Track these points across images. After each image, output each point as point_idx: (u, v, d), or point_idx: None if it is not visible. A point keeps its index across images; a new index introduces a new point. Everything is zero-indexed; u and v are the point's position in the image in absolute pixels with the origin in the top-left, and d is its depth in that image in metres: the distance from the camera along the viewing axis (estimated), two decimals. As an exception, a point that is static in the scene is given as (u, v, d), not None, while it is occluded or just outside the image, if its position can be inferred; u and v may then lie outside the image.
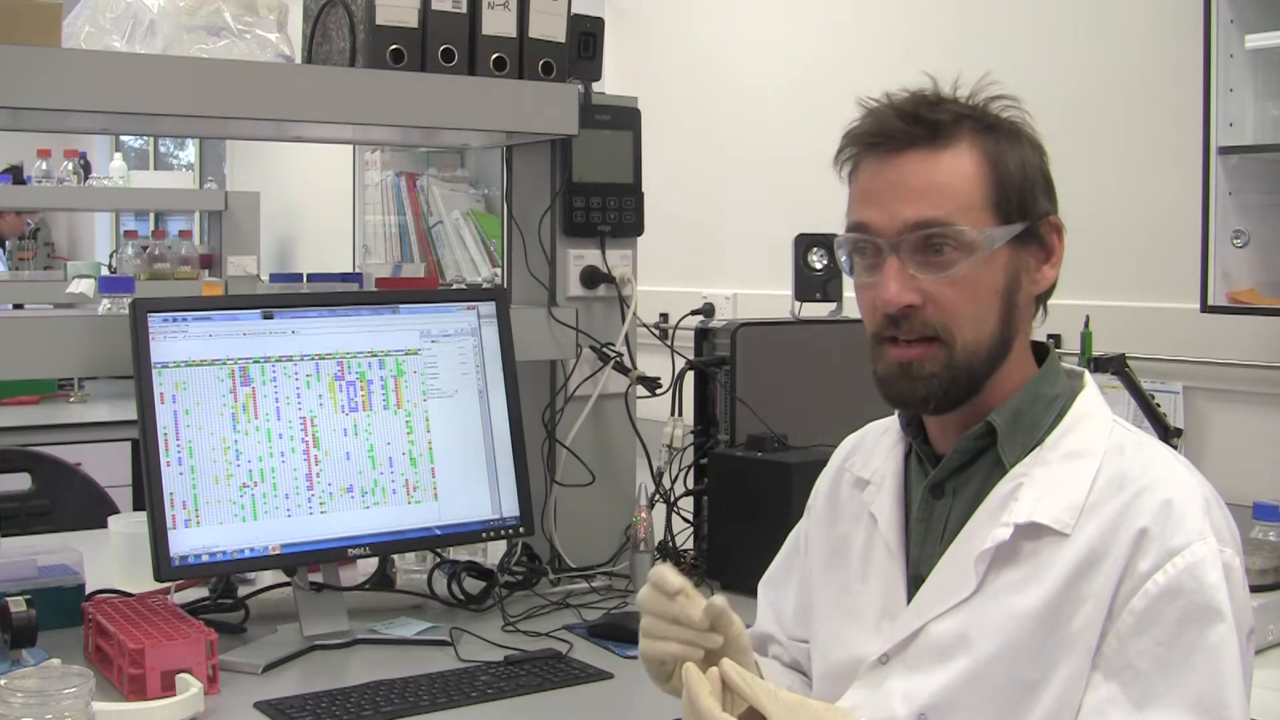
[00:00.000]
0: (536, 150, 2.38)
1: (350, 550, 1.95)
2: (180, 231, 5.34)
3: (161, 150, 8.34)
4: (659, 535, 2.28)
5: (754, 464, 2.19)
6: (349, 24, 2.12)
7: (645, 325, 2.50)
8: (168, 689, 1.64)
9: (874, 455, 1.43)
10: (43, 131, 4.36)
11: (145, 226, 7.08)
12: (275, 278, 2.53)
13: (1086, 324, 2.51)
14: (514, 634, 1.98)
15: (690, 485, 2.41)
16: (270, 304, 1.96)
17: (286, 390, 1.93)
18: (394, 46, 2.08)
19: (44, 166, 5.04)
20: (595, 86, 2.37)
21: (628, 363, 2.33)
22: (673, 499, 2.38)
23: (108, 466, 3.94)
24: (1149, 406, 2.39)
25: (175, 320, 1.87)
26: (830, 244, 2.48)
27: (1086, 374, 1.35)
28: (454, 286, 4.25)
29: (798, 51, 3.66)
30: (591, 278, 2.36)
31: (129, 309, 1.86)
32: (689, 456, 2.41)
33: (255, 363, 1.91)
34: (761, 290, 3.59)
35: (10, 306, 4.79)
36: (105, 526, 2.30)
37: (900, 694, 1.28)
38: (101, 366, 1.97)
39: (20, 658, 1.75)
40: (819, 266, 2.49)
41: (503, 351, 2.09)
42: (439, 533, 2.02)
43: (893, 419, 1.43)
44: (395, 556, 2.18)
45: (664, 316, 3.02)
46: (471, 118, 2.16)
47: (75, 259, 6.74)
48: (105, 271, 4.97)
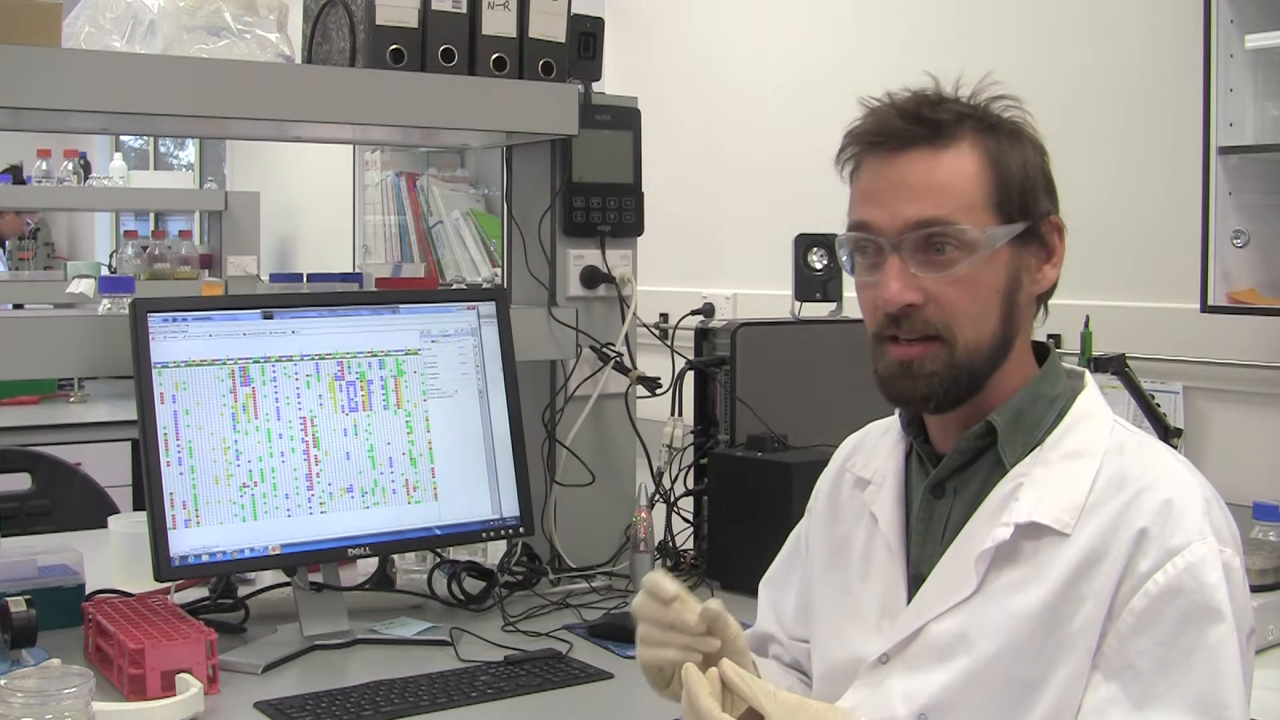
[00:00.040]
0: (536, 150, 2.38)
1: (350, 550, 1.95)
2: (180, 231, 5.34)
3: (161, 150, 8.34)
4: (659, 535, 2.28)
5: (754, 464, 2.19)
6: (349, 24, 2.12)
7: (645, 325, 2.50)
8: (168, 689, 1.64)
9: (875, 455, 1.43)
10: (43, 131, 4.37)
11: (145, 226, 7.07)
12: (275, 278, 2.53)
13: (1086, 324, 2.51)
14: (514, 634, 1.98)
15: (690, 485, 2.41)
16: (270, 304, 1.96)
17: (286, 390, 1.93)
18: (394, 46, 2.09)
19: (44, 166, 5.04)
20: (595, 86, 2.37)
21: (628, 363, 2.33)
22: (673, 499, 2.38)
23: (108, 466, 3.93)
24: (1149, 406, 2.39)
25: (175, 320, 1.87)
26: (830, 244, 2.48)
27: (1087, 374, 1.35)
28: (454, 286, 4.25)
29: (798, 51, 3.66)
30: (591, 278, 2.36)
31: (129, 309, 1.86)
32: (689, 456, 2.41)
33: (255, 363, 1.91)
34: (761, 290, 3.59)
35: (10, 306, 4.79)
36: (105, 526, 2.30)
37: (900, 694, 1.28)
38: (101, 366, 1.97)
39: (20, 658, 1.75)
40: (819, 266, 2.49)
41: (503, 351, 2.09)
42: (439, 533, 2.02)
43: (894, 419, 1.43)
44: (395, 556, 2.18)
45: (664, 316, 3.01)
46: (471, 118, 2.16)
47: (75, 259, 6.73)
48: (105, 271, 4.96)
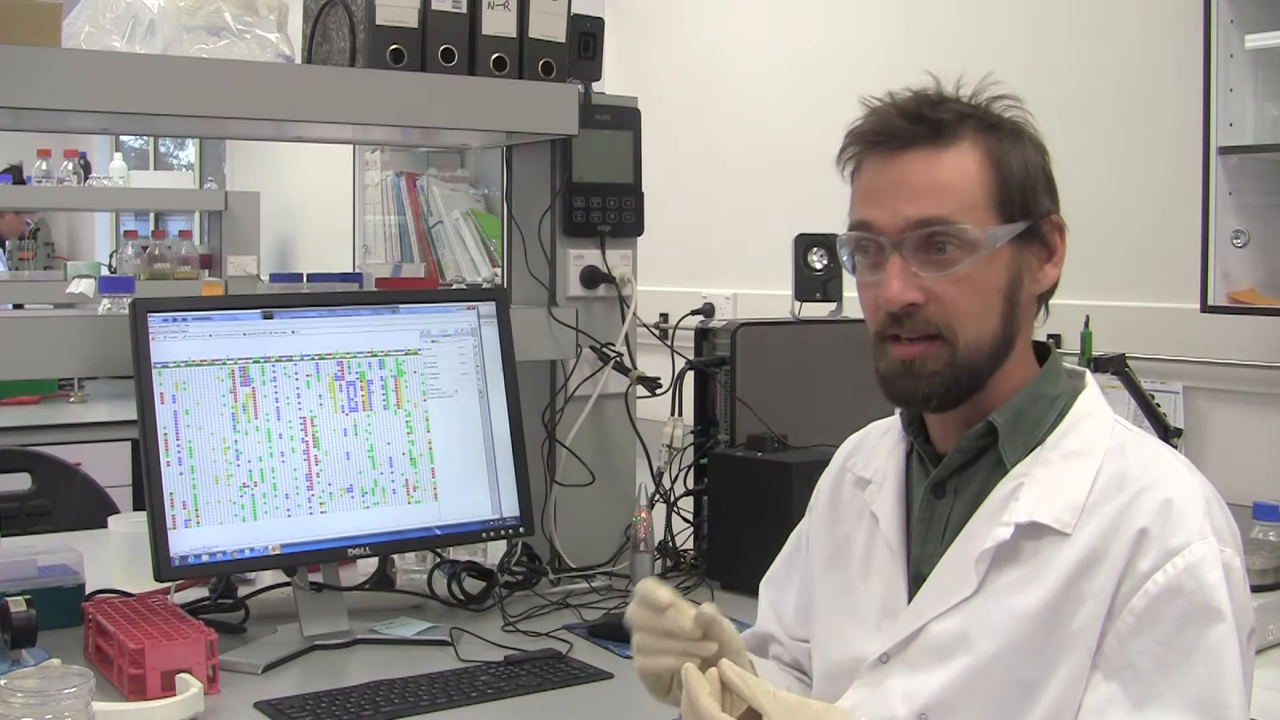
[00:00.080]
0: (536, 150, 2.38)
1: (350, 550, 1.95)
2: (180, 231, 5.34)
3: (161, 150, 8.34)
4: (659, 535, 2.28)
5: (754, 464, 2.19)
6: (349, 24, 2.12)
7: (645, 325, 2.50)
8: (168, 689, 1.64)
9: (876, 455, 1.43)
10: (43, 131, 4.37)
11: (145, 226, 7.07)
12: (275, 278, 2.52)
13: (1086, 324, 2.51)
14: (514, 634, 1.98)
15: (690, 485, 2.41)
16: (270, 304, 1.96)
17: (286, 390, 1.93)
18: (394, 46, 2.08)
19: (44, 166, 5.04)
20: (595, 86, 2.37)
21: (628, 363, 2.33)
22: (673, 499, 2.38)
23: (108, 466, 3.93)
24: (1149, 406, 2.39)
25: (175, 320, 1.87)
26: (830, 244, 2.48)
27: (1088, 374, 1.35)
28: (454, 286, 4.25)
29: (797, 51, 3.66)
30: (591, 278, 2.36)
31: (129, 309, 1.86)
32: (689, 456, 2.41)
33: (255, 363, 1.91)
34: (761, 290, 3.59)
35: (10, 306, 4.79)
36: (105, 526, 2.30)
37: (900, 693, 1.28)
38: (101, 366, 1.97)
39: (20, 658, 1.75)
40: (819, 266, 2.49)
41: (503, 351, 2.09)
42: (439, 533, 2.02)
43: (895, 419, 1.43)
44: (395, 556, 2.18)
45: (664, 316, 3.01)
46: (471, 118, 2.16)
47: (75, 259, 6.73)
48: (105, 271, 4.96)
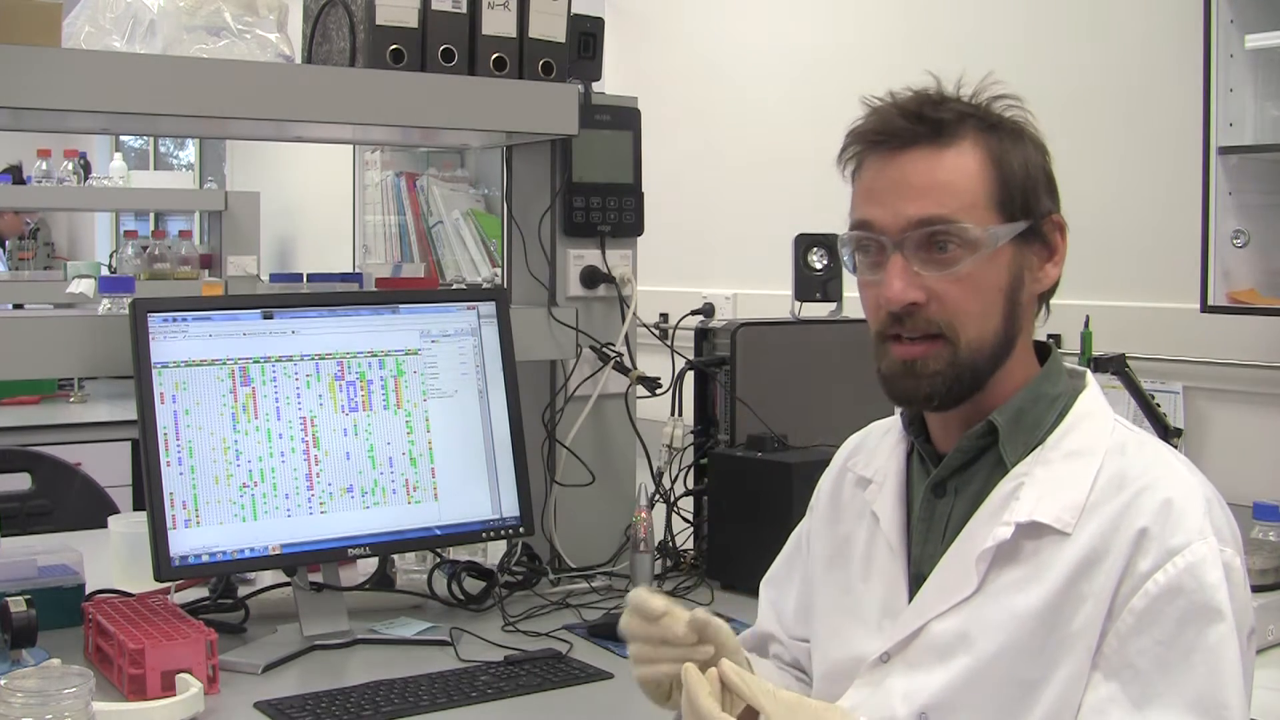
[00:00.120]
0: (536, 150, 2.38)
1: (350, 550, 1.95)
2: (180, 231, 5.34)
3: (161, 150, 8.34)
4: (659, 535, 2.28)
5: (754, 464, 2.19)
6: (349, 24, 2.12)
7: (645, 325, 2.50)
8: (168, 689, 1.63)
9: (876, 455, 1.43)
10: (43, 131, 4.37)
11: (145, 226, 7.08)
12: (275, 278, 2.52)
13: (1086, 324, 2.51)
14: (514, 634, 1.98)
15: (690, 485, 2.41)
16: (270, 304, 1.96)
17: (286, 390, 1.92)
18: (394, 46, 2.08)
19: (44, 166, 5.04)
20: (595, 86, 2.37)
21: (628, 363, 2.33)
22: (673, 499, 2.38)
23: (108, 466, 3.93)
24: (1149, 406, 2.39)
25: (175, 320, 1.87)
26: (830, 244, 2.48)
27: (1088, 373, 1.35)
28: (454, 286, 4.25)
29: (797, 51, 3.66)
30: (591, 278, 2.36)
31: (129, 309, 1.86)
32: (689, 456, 2.41)
33: (255, 363, 1.91)
34: (761, 290, 3.59)
35: (10, 306, 4.79)
36: (105, 526, 2.30)
37: (901, 693, 1.28)
38: (101, 366, 1.97)
39: (20, 658, 1.75)
40: (819, 266, 2.49)
41: (503, 351, 2.09)
42: (439, 533, 2.02)
43: (895, 419, 1.43)
44: (395, 556, 2.18)
45: (664, 316, 3.01)
46: (471, 118, 2.16)
47: (75, 259, 6.73)
48: (105, 271, 4.96)
